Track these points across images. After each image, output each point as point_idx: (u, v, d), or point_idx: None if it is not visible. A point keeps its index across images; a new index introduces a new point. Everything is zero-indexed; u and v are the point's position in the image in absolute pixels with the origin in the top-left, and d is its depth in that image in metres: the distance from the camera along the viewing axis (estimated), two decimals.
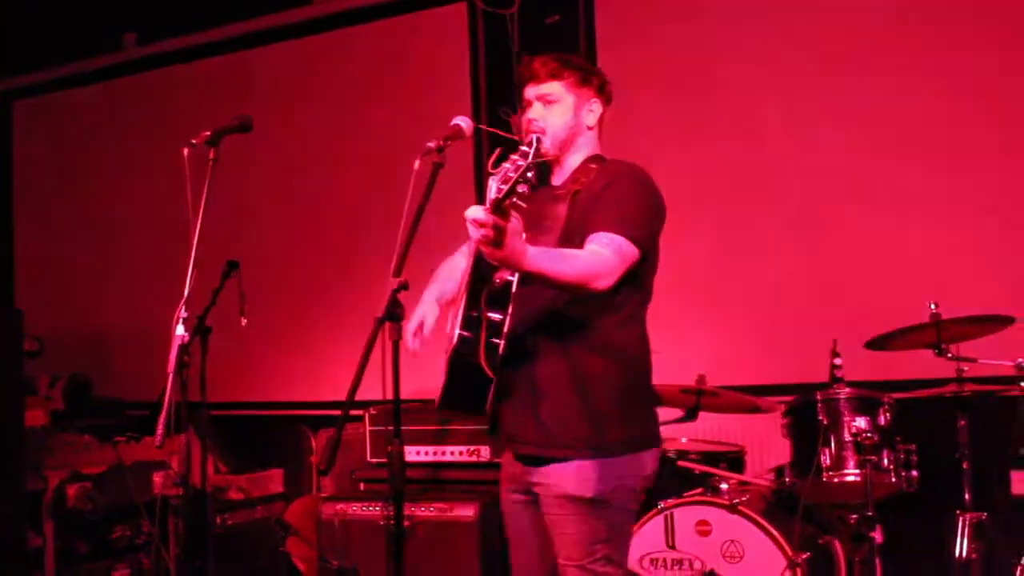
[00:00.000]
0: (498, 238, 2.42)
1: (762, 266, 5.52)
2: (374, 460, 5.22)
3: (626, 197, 2.93)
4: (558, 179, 3.15)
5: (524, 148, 2.45)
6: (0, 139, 8.44)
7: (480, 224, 2.40)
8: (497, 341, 2.84)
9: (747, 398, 4.61)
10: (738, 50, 5.67)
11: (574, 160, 3.12)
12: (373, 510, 4.94)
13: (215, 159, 3.36)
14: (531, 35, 6.17)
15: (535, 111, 3.09)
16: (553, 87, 3.08)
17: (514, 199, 2.39)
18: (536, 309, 2.95)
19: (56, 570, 5.06)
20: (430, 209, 2.79)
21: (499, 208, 2.38)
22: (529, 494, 3.08)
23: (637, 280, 2.99)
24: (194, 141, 3.40)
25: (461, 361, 2.87)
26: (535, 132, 3.01)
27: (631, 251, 2.86)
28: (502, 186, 2.37)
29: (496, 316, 2.85)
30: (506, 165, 2.44)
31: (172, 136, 6.82)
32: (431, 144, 2.83)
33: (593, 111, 3.13)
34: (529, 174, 2.40)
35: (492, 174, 2.53)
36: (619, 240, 2.82)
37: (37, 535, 5.04)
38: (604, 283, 2.76)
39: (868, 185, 5.30)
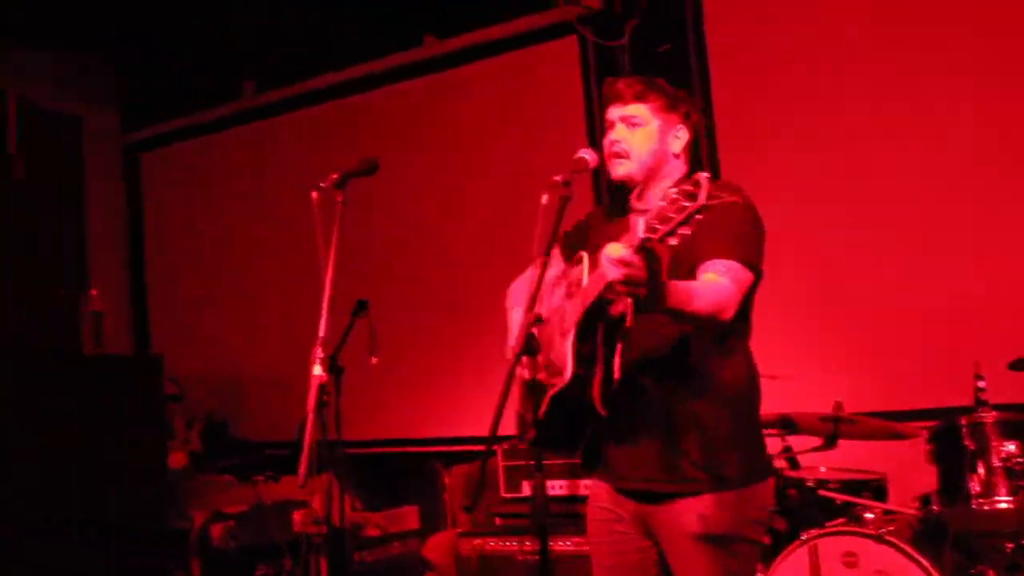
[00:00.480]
0: (644, 279, 2.39)
1: (899, 288, 5.40)
2: (509, 495, 5.25)
3: (733, 219, 2.78)
4: (644, 203, 3.03)
5: (687, 188, 2.28)
6: (130, 190, 8.71)
7: (626, 264, 2.35)
8: (613, 378, 2.76)
9: (888, 424, 4.52)
10: (860, 65, 5.59)
11: (663, 186, 2.97)
12: (510, 544, 4.97)
13: (343, 201, 3.40)
14: (642, 65, 6.15)
15: (618, 132, 3.01)
16: (639, 109, 2.99)
17: (669, 240, 2.30)
18: (649, 344, 2.87)
19: None
20: None
21: (643, 248, 2.33)
22: (642, 528, 3.00)
23: (744, 305, 2.89)
24: (322, 185, 3.46)
25: (568, 398, 2.78)
26: (617, 154, 2.97)
27: (747, 276, 2.80)
28: (658, 225, 2.28)
29: (610, 352, 2.77)
30: (661, 203, 2.31)
31: (294, 180, 7.05)
32: (557, 178, 2.82)
33: (679, 138, 3.03)
34: (699, 216, 2.25)
35: (636, 209, 2.47)
36: (735, 266, 2.76)
37: (184, 573, 5.15)
38: (730, 313, 2.71)
39: (1008, 202, 5.17)
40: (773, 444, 4.81)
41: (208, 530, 5.27)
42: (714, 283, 2.71)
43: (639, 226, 2.36)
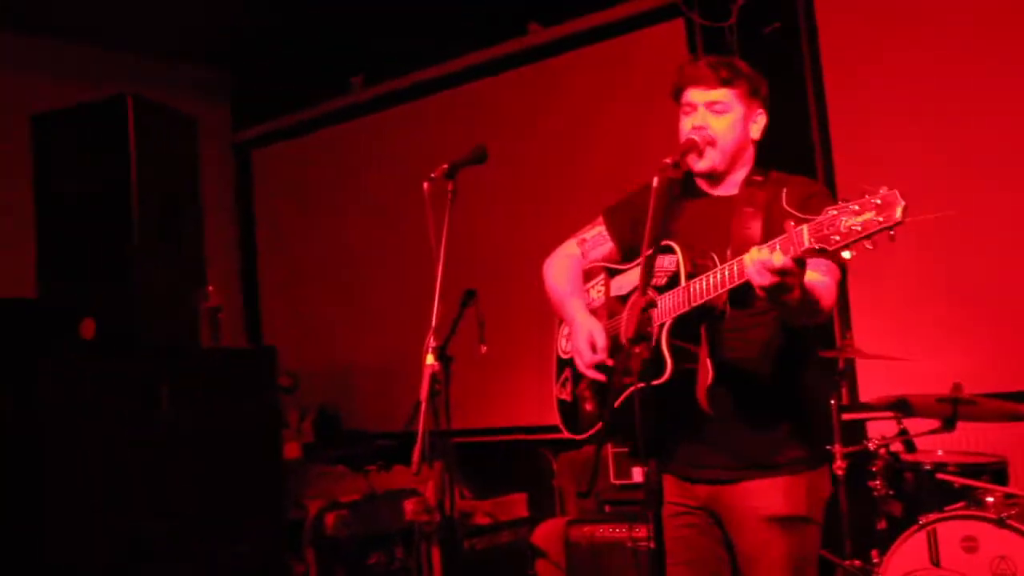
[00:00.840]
0: (795, 287, 2.38)
1: (1018, 265, 5.25)
2: (618, 481, 5.24)
3: None
4: (718, 188, 3.00)
5: (875, 201, 2.20)
6: (242, 187, 8.91)
7: (782, 273, 2.33)
8: (711, 375, 2.73)
9: (1008, 405, 4.38)
10: (972, 38, 5.43)
11: (739, 174, 2.97)
12: (620, 531, 4.95)
13: (454, 191, 3.41)
14: (750, 46, 6.04)
15: (703, 118, 2.91)
16: (724, 95, 2.90)
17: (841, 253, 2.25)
18: (735, 338, 2.83)
19: None
20: None
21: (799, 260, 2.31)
22: (711, 518, 2.96)
23: None
24: (433, 175, 3.47)
25: (661, 392, 2.69)
26: (703, 140, 2.88)
27: (839, 273, 2.77)
28: (833, 236, 2.23)
29: (711, 349, 2.73)
30: (832, 212, 2.25)
31: (401, 172, 7.12)
32: (667, 160, 2.75)
33: (757, 123, 2.97)
34: (891, 232, 2.19)
35: (791, 212, 2.36)
36: (832, 265, 2.72)
37: (300, 562, 5.24)
38: (832, 310, 2.72)
39: None
40: (889, 427, 4.72)
41: (322, 519, 5.36)
42: (823, 282, 2.66)
43: (802, 234, 2.30)
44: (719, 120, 2.91)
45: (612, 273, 3.05)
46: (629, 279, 2.96)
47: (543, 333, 6.73)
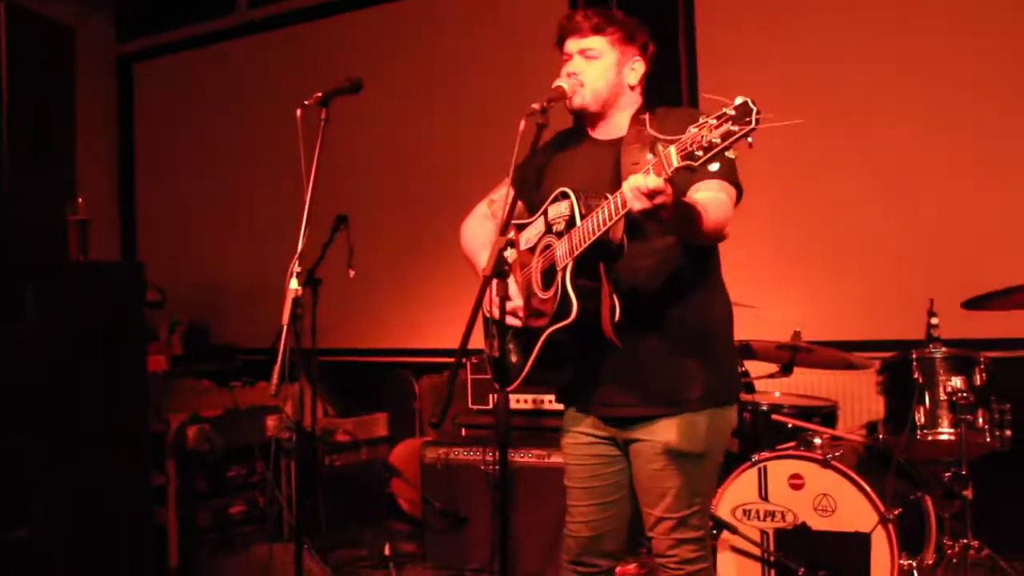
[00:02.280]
0: (672, 205, 2.39)
1: (859, 223, 5.41)
2: (475, 407, 5.26)
3: None
4: (604, 133, 3.01)
5: (730, 111, 2.23)
6: (122, 101, 8.59)
7: (657, 193, 2.34)
8: (616, 309, 2.72)
9: (841, 354, 4.51)
10: (830, 14, 5.52)
11: (621, 116, 2.97)
12: (474, 455, 4.98)
13: (326, 119, 3.35)
14: None
15: (575, 64, 2.94)
16: (595, 42, 2.94)
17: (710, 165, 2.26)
18: (638, 270, 2.83)
19: (178, 506, 5.18)
20: None
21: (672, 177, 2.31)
22: (619, 449, 3.01)
23: None
24: (306, 102, 3.41)
25: (568, 335, 2.72)
26: (571, 88, 2.91)
27: (733, 191, 2.78)
28: (697, 151, 2.24)
29: (613, 284, 2.73)
30: (695, 130, 2.27)
31: (283, 95, 6.92)
32: (535, 106, 2.76)
33: (635, 70, 2.98)
34: (750, 139, 2.22)
35: (660, 137, 2.36)
36: (724, 183, 2.74)
37: (160, 474, 5.15)
38: (729, 227, 2.70)
39: (969, 143, 5.15)
40: None
41: (184, 432, 5.26)
42: (714, 198, 2.68)
43: (669, 154, 2.31)
44: (591, 65, 2.94)
45: (520, 227, 3.03)
46: (536, 229, 2.94)
47: (410, 261, 6.78)
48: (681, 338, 2.88)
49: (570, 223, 2.74)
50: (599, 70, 2.94)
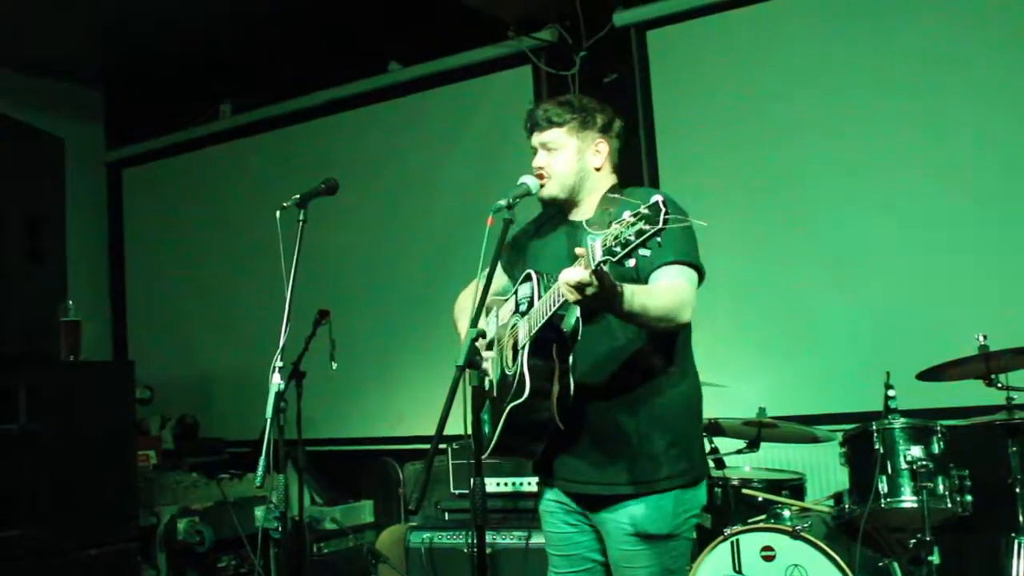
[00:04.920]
0: (601, 296, 2.40)
1: (816, 303, 5.46)
2: (457, 492, 5.23)
3: (676, 229, 2.66)
4: (577, 214, 3.00)
5: (644, 211, 2.26)
6: (112, 205, 8.63)
7: (584, 285, 2.36)
8: (568, 392, 2.73)
9: (805, 429, 4.54)
10: (784, 98, 5.65)
11: (593, 198, 2.98)
12: (457, 538, 4.93)
13: (303, 221, 3.39)
14: (590, 94, 6.08)
15: (539, 159, 2.97)
16: (553, 134, 2.95)
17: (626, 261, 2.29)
18: (599, 360, 2.84)
19: None
20: None
21: (599, 269, 2.32)
22: (587, 525, 2.99)
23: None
24: (285, 204, 3.46)
25: (526, 412, 2.73)
26: (540, 177, 2.94)
27: (695, 276, 2.79)
28: (616, 247, 2.26)
29: (565, 367, 2.73)
30: (616, 226, 2.28)
31: (264, 196, 6.99)
32: (501, 202, 2.80)
33: (599, 152, 2.98)
34: (658, 239, 2.25)
35: (589, 231, 2.39)
36: (686, 269, 2.75)
37: (151, 567, 5.09)
38: (688, 314, 2.69)
39: (916, 221, 5.22)
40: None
41: (174, 525, 5.21)
42: (669, 285, 2.70)
43: (595, 248, 2.32)
44: (554, 157, 2.96)
45: (500, 305, 3.06)
46: (508, 307, 2.96)
47: (390, 353, 6.79)
48: (647, 420, 2.84)
49: (531, 305, 2.75)
50: (561, 161, 2.96)
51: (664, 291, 2.67)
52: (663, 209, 2.24)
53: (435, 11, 6.57)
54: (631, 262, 2.30)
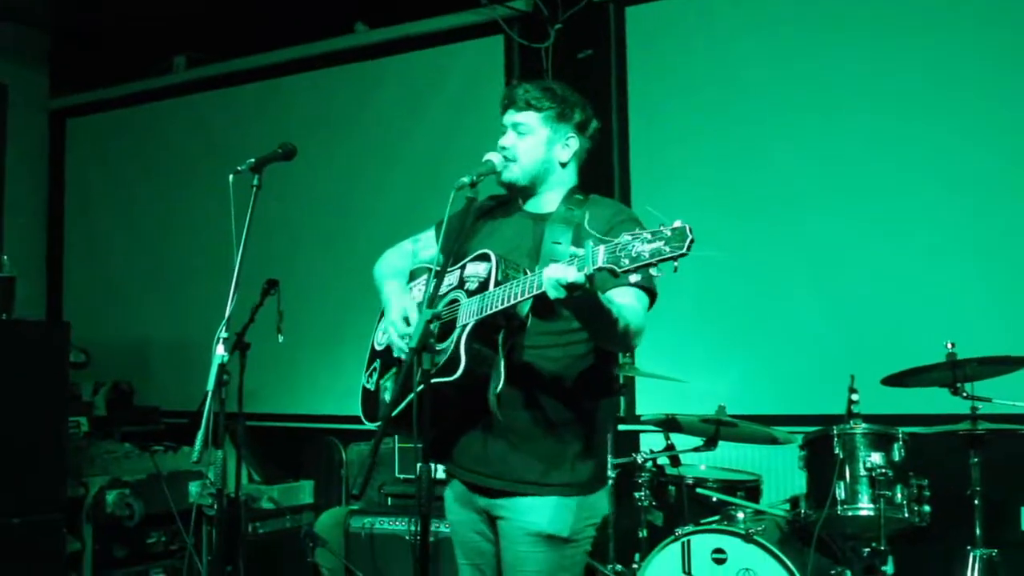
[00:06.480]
0: (587, 302, 2.43)
1: (783, 302, 5.51)
2: (402, 476, 5.24)
3: None
4: (533, 206, 3.02)
5: (667, 232, 2.25)
6: (54, 156, 8.50)
7: (574, 288, 2.35)
8: (501, 380, 2.73)
9: (764, 429, 4.58)
10: (762, 87, 5.68)
11: (552, 195, 2.99)
12: (399, 524, 4.95)
13: (258, 186, 3.34)
14: (564, 68, 6.14)
15: (507, 139, 2.97)
16: (528, 117, 2.96)
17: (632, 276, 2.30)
18: (533, 351, 2.84)
19: (94, 573, 5.08)
20: None
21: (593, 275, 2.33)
22: (485, 519, 2.99)
23: None
24: (239, 168, 3.42)
25: (450, 391, 2.70)
26: (504, 159, 2.94)
27: (647, 300, 2.82)
28: (624, 259, 2.26)
29: (507, 356, 2.74)
30: (628, 238, 2.28)
31: (217, 157, 6.96)
32: (464, 179, 2.80)
33: (569, 147, 2.99)
34: (675, 264, 2.25)
35: (592, 233, 2.41)
36: (640, 292, 2.77)
37: (76, 539, 5.06)
38: (639, 338, 2.72)
39: (888, 226, 5.28)
40: (657, 441, 4.87)
41: (103, 497, 5.18)
42: (630, 307, 2.70)
43: (598, 254, 2.32)
44: (523, 141, 2.96)
45: (427, 274, 3.05)
46: (449, 281, 2.93)
47: (340, 327, 6.77)
48: (564, 422, 2.86)
49: (482, 285, 2.74)
50: (529, 146, 2.96)
51: (629, 312, 2.68)
52: (689, 237, 2.23)
53: None
54: (634, 278, 2.30)
